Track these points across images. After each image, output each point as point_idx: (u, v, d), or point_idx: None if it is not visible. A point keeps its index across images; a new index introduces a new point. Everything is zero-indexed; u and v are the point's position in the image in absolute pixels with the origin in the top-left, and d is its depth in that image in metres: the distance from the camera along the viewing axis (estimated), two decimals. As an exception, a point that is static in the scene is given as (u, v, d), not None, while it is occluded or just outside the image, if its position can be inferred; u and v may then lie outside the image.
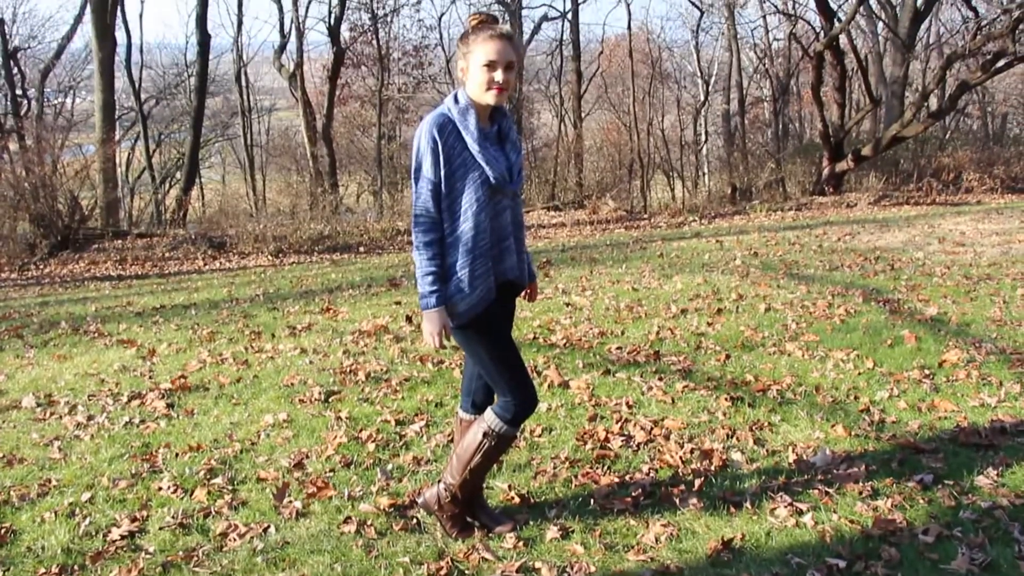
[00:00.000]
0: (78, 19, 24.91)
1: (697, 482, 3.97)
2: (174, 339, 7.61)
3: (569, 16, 26.82)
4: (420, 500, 3.74)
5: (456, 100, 3.27)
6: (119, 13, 23.22)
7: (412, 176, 3.26)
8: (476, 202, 3.23)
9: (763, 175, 20.98)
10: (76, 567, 3.50)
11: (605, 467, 4.21)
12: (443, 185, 3.22)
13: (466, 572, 3.34)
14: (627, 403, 5.13)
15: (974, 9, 17.80)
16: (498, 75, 3.17)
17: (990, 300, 7.36)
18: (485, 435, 3.43)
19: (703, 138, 29.06)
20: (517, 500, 3.88)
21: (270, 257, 14.39)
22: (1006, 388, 5.06)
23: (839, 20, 18.20)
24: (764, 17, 25.69)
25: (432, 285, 3.22)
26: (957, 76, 20.00)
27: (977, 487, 3.78)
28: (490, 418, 3.42)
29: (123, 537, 3.71)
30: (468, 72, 3.23)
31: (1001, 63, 16.86)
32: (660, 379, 5.57)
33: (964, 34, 18.55)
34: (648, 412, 4.98)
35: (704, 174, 28.12)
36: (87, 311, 9.41)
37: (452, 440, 4.61)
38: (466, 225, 3.23)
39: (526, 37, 27.88)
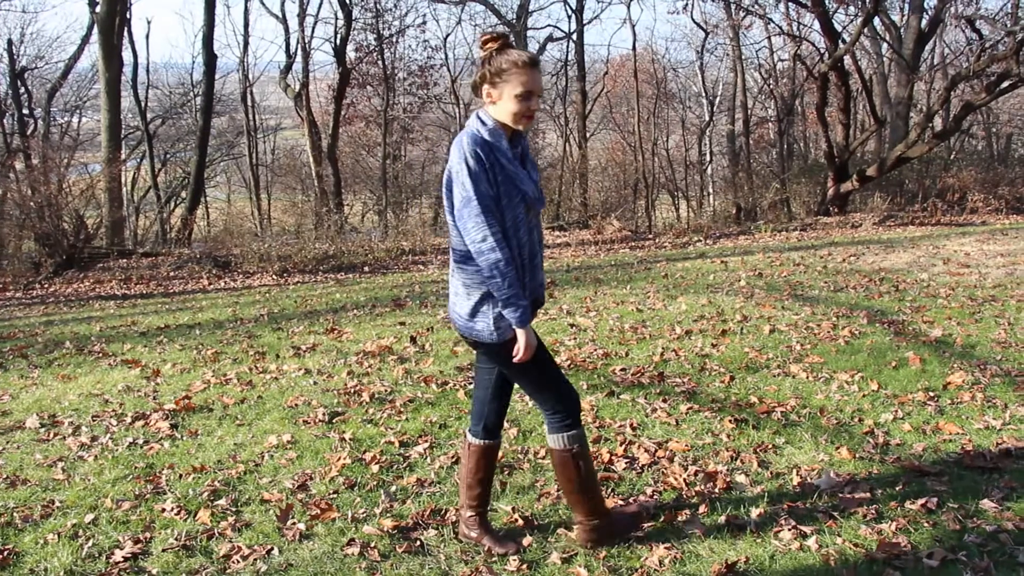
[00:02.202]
0: (85, 40, 25.00)
1: (701, 505, 3.96)
2: (178, 359, 7.62)
3: (574, 37, 26.94)
4: (587, 547, 3.63)
5: (483, 122, 3.26)
6: (126, 34, 23.35)
7: (474, 198, 3.13)
8: (516, 219, 3.25)
9: (768, 195, 20.98)
10: (79, 589, 3.50)
11: (609, 489, 4.20)
12: None
13: (469, 595, 3.33)
14: (631, 425, 5.12)
15: (978, 31, 17.84)
16: (533, 104, 3.21)
17: (995, 322, 7.35)
18: (571, 456, 3.46)
19: (708, 158, 29.11)
20: (521, 522, 3.87)
21: (275, 277, 14.41)
22: (1011, 411, 5.05)
23: (843, 41, 18.25)
24: (769, 38, 25.78)
25: (525, 299, 3.23)
26: (961, 97, 20.00)
27: (982, 510, 3.77)
28: (556, 441, 3.45)
29: (126, 559, 3.71)
30: (499, 98, 3.24)
31: (1005, 84, 16.87)
32: (664, 401, 5.56)
33: (968, 55, 18.59)
34: (652, 434, 4.97)
35: (709, 194, 28.16)
36: (92, 331, 9.43)
37: (457, 462, 4.61)
38: (512, 243, 3.25)
39: (531, 58, 28.00)
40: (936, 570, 3.31)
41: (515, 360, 3.26)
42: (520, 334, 3.23)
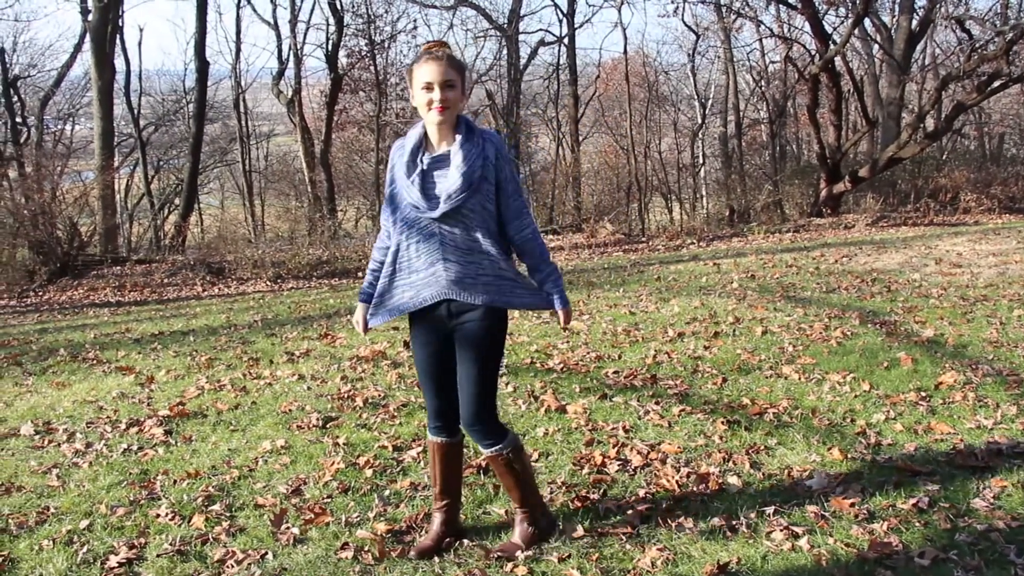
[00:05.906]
0: (77, 48, 24.96)
1: (693, 506, 3.98)
2: (172, 366, 7.62)
3: (566, 41, 26.98)
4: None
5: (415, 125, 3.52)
6: (118, 41, 23.34)
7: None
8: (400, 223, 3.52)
9: (761, 197, 21.01)
10: (73, 596, 3.50)
11: (602, 492, 4.21)
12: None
13: (463, 598, 3.34)
14: (624, 427, 5.13)
15: (968, 31, 17.91)
16: (435, 94, 3.34)
17: (987, 321, 7.38)
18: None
19: (700, 161, 29.11)
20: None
21: (269, 283, 14.41)
22: (1003, 410, 5.07)
23: (834, 43, 18.30)
24: (760, 40, 25.79)
25: (362, 296, 3.98)
26: (953, 97, 20.10)
27: (973, 509, 3.79)
28: None
29: (121, 564, 3.71)
30: (413, 99, 3.46)
31: (996, 84, 16.96)
32: (657, 403, 5.58)
33: (959, 56, 18.66)
34: (645, 436, 4.99)
35: (702, 197, 28.15)
36: (86, 338, 9.42)
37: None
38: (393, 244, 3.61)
39: (523, 62, 28.04)
40: (927, 569, 3.33)
41: None
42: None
